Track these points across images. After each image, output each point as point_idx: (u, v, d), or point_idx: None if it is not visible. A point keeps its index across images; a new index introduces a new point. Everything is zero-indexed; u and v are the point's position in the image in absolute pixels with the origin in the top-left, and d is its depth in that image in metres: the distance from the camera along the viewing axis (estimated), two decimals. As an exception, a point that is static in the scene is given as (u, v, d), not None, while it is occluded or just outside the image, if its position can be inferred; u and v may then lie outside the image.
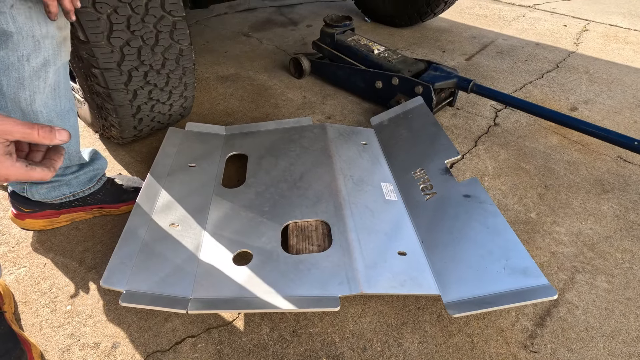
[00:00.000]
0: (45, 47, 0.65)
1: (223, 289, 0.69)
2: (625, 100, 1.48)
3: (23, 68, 0.65)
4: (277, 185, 0.92)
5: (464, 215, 0.82)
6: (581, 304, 0.78)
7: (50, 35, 0.65)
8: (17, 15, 0.60)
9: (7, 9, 0.58)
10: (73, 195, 0.90)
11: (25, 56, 0.64)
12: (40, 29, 0.63)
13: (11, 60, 0.63)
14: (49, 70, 0.68)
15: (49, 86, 0.71)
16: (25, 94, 0.68)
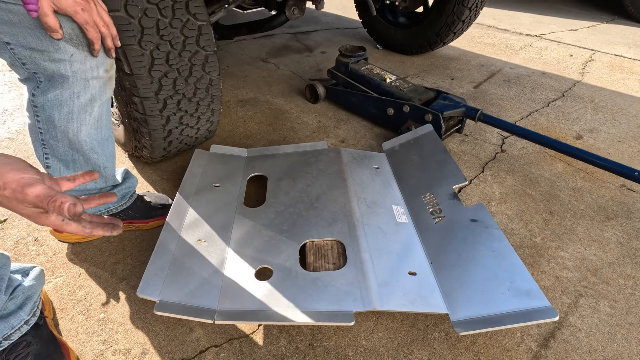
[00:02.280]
0: (94, 86, 0.74)
1: (246, 302, 0.74)
2: (630, 130, 1.53)
3: (73, 104, 0.74)
4: (295, 205, 0.99)
5: (471, 239, 0.87)
6: (584, 327, 0.81)
7: (98, 77, 0.74)
8: (74, 62, 0.69)
9: (68, 57, 0.67)
10: (107, 211, 0.98)
11: (76, 94, 0.73)
12: (92, 72, 0.72)
13: (64, 97, 0.72)
14: (94, 105, 0.77)
15: (93, 118, 0.79)
16: (73, 125, 0.77)
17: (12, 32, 0.63)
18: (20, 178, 0.45)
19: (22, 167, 0.47)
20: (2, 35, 0.63)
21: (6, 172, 0.45)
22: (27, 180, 0.46)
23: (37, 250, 0.99)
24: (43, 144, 0.80)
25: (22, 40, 0.64)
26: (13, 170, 0.46)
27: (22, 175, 0.46)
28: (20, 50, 0.66)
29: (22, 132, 1.49)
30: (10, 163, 0.46)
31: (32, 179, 0.46)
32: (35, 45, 0.65)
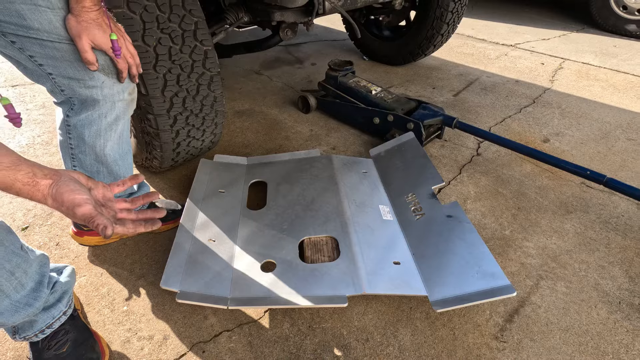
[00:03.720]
0: (119, 107, 0.86)
1: (254, 290, 0.86)
2: (592, 133, 1.70)
3: (101, 122, 0.86)
4: (293, 207, 1.11)
5: (446, 232, 1.00)
6: (543, 304, 0.95)
7: (123, 99, 0.86)
8: (105, 88, 0.81)
9: (99, 84, 0.79)
10: None
11: (104, 114, 0.85)
12: (118, 95, 0.84)
13: (94, 117, 0.84)
14: (119, 123, 0.89)
15: (117, 135, 0.91)
16: (100, 141, 0.89)
17: (55, 65, 0.75)
18: (73, 199, 0.56)
19: (77, 188, 0.57)
20: (46, 67, 0.75)
21: (63, 193, 0.56)
22: (78, 201, 0.56)
23: (60, 254, 1.09)
24: (72, 157, 0.92)
25: (62, 71, 0.76)
26: (68, 191, 0.56)
27: (75, 196, 0.56)
28: (61, 79, 0.77)
29: (32, 145, 1.59)
30: (68, 184, 0.57)
31: (82, 200, 0.57)
32: (73, 75, 0.76)
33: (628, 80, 2.22)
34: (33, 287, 0.75)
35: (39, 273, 0.77)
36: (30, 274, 0.75)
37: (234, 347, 0.86)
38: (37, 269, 0.77)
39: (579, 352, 0.85)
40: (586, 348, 0.86)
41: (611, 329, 0.90)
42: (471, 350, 0.85)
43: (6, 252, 0.70)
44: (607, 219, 1.21)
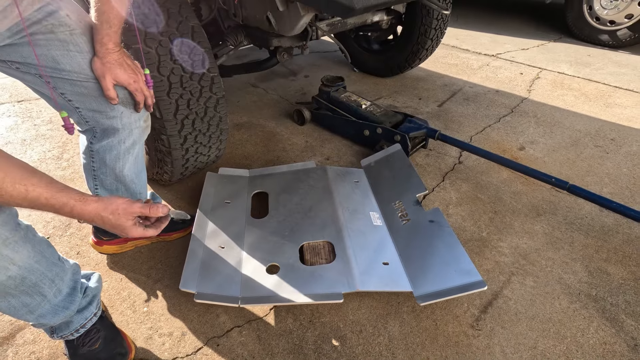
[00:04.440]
0: (135, 133, 0.97)
1: (261, 290, 0.99)
2: (563, 140, 1.85)
3: (120, 147, 0.97)
4: (293, 215, 1.24)
5: (429, 236, 1.14)
6: (514, 297, 1.09)
7: (139, 126, 0.97)
8: (124, 117, 0.92)
9: (119, 115, 0.90)
10: None
11: (123, 140, 0.96)
12: (135, 123, 0.95)
13: (114, 143, 0.95)
14: (135, 147, 1.00)
15: (133, 157, 1.02)
16: (120, 164, 1.00)
17: (82, 100, 0.86)
18: (124, 201, 0.69)
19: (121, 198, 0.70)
20: (74, 102, 0.86)
21: (115, 200, 0.69)
22: (129, 202, 0.70)
23: (81, 262, 1.20)
24: (94, 178, 1.03)
25: (88, 105, 0.87)
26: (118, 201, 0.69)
27: (124, 200, 0.70)
28: (86, 112, 0.89)
29: (43, 160, 1.69)
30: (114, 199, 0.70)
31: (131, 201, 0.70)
32: (97, 108, 0.88)
33: (599, 89, 2.40)
34: (68, 292, 0.87)
35: (73, 280, 0.88)
36: (66, 281, 0.86)
37: (245, 341, 0.98)
38: (71, 277, 0.88)
39: (542, 336, 0.99)
40: (549, 333, 1.00)
41: (570, 316, 1.04)
42: (450, 338, 0.99)
43: (48, 263, 0.82)
44: (572, 220, 1.36)
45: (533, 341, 0.98)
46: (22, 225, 0.79)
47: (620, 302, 1.08)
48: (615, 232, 1.31)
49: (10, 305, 0.79)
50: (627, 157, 1.73)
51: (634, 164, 1.68)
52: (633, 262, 1.20)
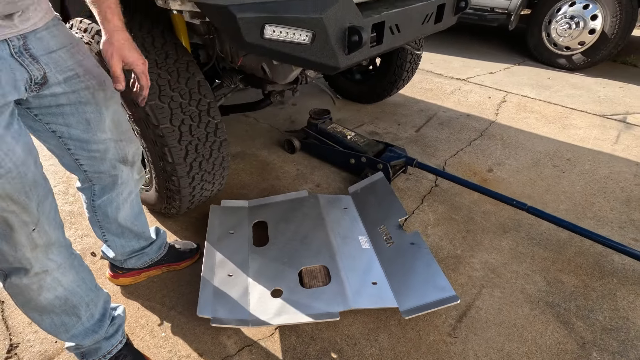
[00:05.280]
0: (131, 185, 1.09)
1: (268, 312, 1.13)
2: (526, 162, 2.08)
3: (119, 199, 1.09)
4: (291, 243, 1.39)
5: (410, 256, 1.31)
6: (484, 307, 1.27)
7: (134, 179, 1.09)
8: (123, 175, 1.04)
9: (119, 173, 1.02)
10: (151, 260, 1.33)
11: (120, 192, 1.08)
12: (131, 178, 1.08)
13: (113, 197, 1.07)
14: (131, 195, 1.13)
15: (129, 204, 1.14)
16: (121, 213, 1.12)
17: (91, 163, 0.97)
18: None
19: None
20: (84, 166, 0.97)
21: None
22: None
23: (99, 293, 1.31)
24: (100, 227, 1.15)
25: (95, 168, 0.98)
26: None
27: None
28: (92, 173, 1.00)
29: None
30: None
31: None
32: (103, 170, 1.00)
33: (557, 112, 2.67)
34: (99, 318, 1.00)
35: (104, 307, 1.01)
36: (98, 307, 0.99)
37: (255, 358, 1.12)
38: (102, 304, 1.01)
39: (508, 340, 1.17)
40: (513, 337, 1.18)
41: (531, 321, 1.23)
42: (432, 345, 1.15)
43: (86, 288, 0.95)
44: (533, 236, 1.57)
45: (500, 345, 1.16)
46: (74, 254, 0.94)
47: (572, 307, 1.27)
48: (569, 245, 1.52)
49: (52, 322, 0.93)
50: (580, 175, 1.97)
51: (586, 182, 1.91)
52: (583, 271, 1.41)
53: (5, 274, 0.85)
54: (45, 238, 0.87)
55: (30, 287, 0.86)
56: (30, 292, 0.86)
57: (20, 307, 0.91)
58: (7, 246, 0.82)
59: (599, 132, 2.41)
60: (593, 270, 1.41)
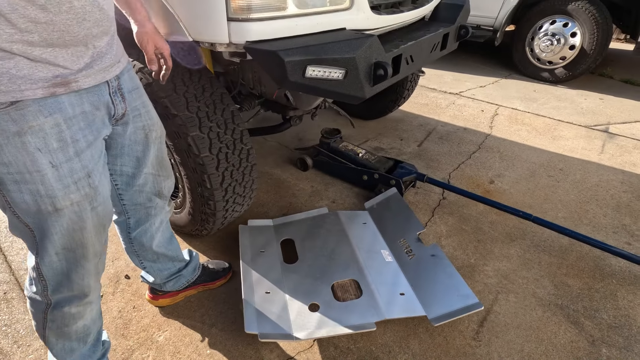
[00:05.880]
0: (162, 215, 1.16)
1: (308, 326, 1.22)
2: (523, 173, 2.24)
3: (152, 229, 1.15)
4: (319, 258, 1.48)
5: (432, 267, 1.42)
6: (502, 311, 1.39)
7: (165, 210, 1.16)
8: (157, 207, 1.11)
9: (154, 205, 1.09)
10: (187, 282, 1.40)
11: (153, 223, 1.15)
12: (163, 209, 1.15)
13: (147, 227, 1.14)
14: (162, 224, 1.19)
15: (161, 232, 1.20)
16: (154, 241, 1.19)
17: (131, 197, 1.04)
18: None
19: None
20: (124, 200, 1.04)
21: None
22: None
23: (139, 315, 1.37)
24: (137, 256, 1.21)
25: (134, 200, 1.05)
26: None
27: None
28: (129, 205, 1.06)
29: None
30: None
31: None
32: (141, 201, 1.06)
33: (546, 123, 2.86)
34: (94, 343, 1.07)
35: (98, 332, 1.08)
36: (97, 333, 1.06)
37: (298, 370, 1.20)
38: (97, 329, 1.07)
39: (526, 341, 1.29)
40: (531, 338, 1.30)
41: (545, 323, 1.35)
42: (459, 349, 1.26)
43: (100, 316, 1.03)
44: (537, 243, 1.70)
45: (520, 345, 1.27)
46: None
47: (580, 308, 1.40)
48: (570, 250, 1.66)
49: (63, 347, 0.99)
50: (573, 184, 2.13)
51: (579, 190, 2.08)
52: (586, 274, 1.55)
53: (50, 303, 0.90)
54: (102, 267, 0.96)
55: (75, 316, 0.93)
56: (72, 319, 0.93)
57: (43, 330, 0.96)
58: (77, 275, 0.89)
59: (585, 143, 2.60)
60: (594, 273, 1.55)
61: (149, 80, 1.23)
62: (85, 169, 0.79)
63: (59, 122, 0.73)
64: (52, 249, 0.82)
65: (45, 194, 0.75)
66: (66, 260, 0.85)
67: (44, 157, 0.73)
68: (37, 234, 0.81)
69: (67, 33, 0.69)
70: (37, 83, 0.69)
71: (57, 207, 0.77)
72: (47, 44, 0.68)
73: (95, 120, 0.80)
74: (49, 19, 0.66)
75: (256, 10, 1.03)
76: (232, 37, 1.05)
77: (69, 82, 0.73)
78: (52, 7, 0.66)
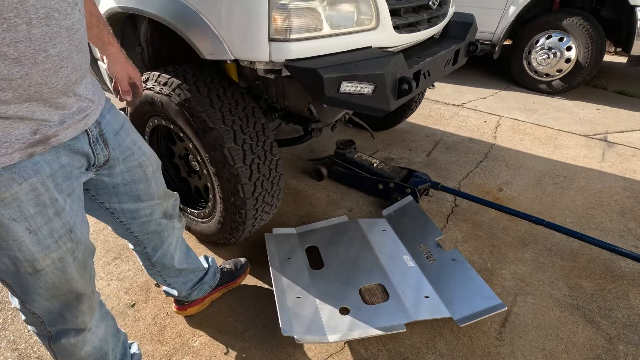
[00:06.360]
0: (175, 233, 1.18)
1: (341, 328, 1.27)
2: (529, 180, 2.33)
3: (169, 249, 1.16)
4: (344, 264, 1.54)
5: (452, 271, 1.49)
6: (521, 312, 1.45)
7: (177, 227, 1.18)
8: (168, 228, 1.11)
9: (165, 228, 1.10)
10: (210, 287, 1.44)
11: (169, 243, 1.16)
12: (175, 228, 1.15)
13: (164, 249, 1.15)
14: (178, 241, 1.22)
15: (178, 247, 1.23)
16: (174, 260, 1.20)
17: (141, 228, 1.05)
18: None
19: None
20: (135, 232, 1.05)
21: None
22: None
23: (173, 322, 1.41)
24: (161, 275, 1.24)
25: (145, 229, 1.06)
26: None
27: None
28: (142, 236, 1.07)
29: (101, 230, 1.87)
30: None
31: None
32: (153, 229, 1.07)
33: (547, 133, 2.98)
34: (120, 359, 1.09)
35: (124, 347, 1.12)
36: (120, 348, 1.09)
37: (332, 371, 1.24)
38: (122, 345, 1.10)
39: (547, 340, 1.35)
40: (551, 337, 1.36)
41: (563, 322, 1.41)
42: (484, 349, 1.31)
43: (112, 334, 1.04)
44: (549, 247, 1.78)
45: (542, 344, 1.33)
46: (101, 303, 1.00)
47: (595, 308, 1.47)
48: (581, 254, 1.74)
49: None
50: (578, 191, 2.22)
51: (585, 197, 2.17)
52: (597, 276, 1.62)
53: (51, 335, 0.88)
54: (95, 299, 0.93)
55: (76, 345, 0.90)
56: (75, 348, 0.91)
57: None
58: (70, 314, 0.86)
59: (586, 151, 2.71)
60: (605, 274, 1.63)
61: (187, 96, 1.31)
62: (66, 226, 0.74)
63: (36, 186, 0.67)
64: (41, 299, 0.79)
65: (24, 259, 0.70)
66: (58, 302, 0.82)
67: (20, 226, 0.67)
68: (17, 291, 0.77)
69: (44, 85, 0.62)
70: (14, 145, 0.62)
71: (37, 268, 0.72)
72: (22, 99, 0.61)
73: (73, 172, 0.75)
74: (23, 72, 0.59)
75: (295, 32, 1.12)
76: (272, 55, 1.13)
77: (49, 138, 0.66)
78: (27, 59, 0.58)
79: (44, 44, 0.60)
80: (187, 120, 1.32)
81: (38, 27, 0.58)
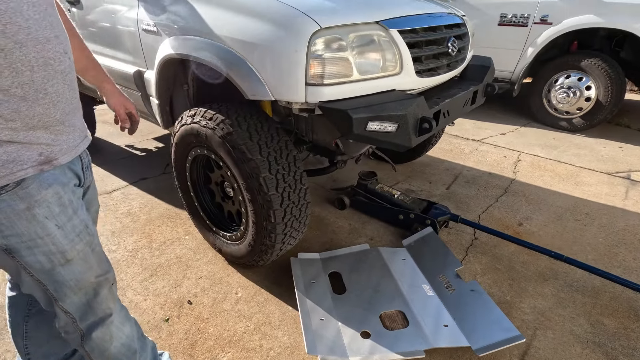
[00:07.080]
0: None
1: (362, 351, 1.33)
2: (550, 216, 2.36)
3: None
4: (366, 290, 1.61)
5: (471, 302, 1.53)
6: (541, 346, 1.46)
7: None
8: None
9: None
10: None
11: None
12: None
13: None
14: None
15: None
16: None
17: None
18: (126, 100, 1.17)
19: None
20: None
21: None
22: None
23: (203, 338, 1.51)
24: None
25: None
26: None
27: None
28: None
29: (138, 249, 2.02)
30: None
31: None
32: None
33: (568, 170, 3.00)
34: None
35: (153, 353, 1.17)
36: (147, 353, 1.15)
37: (352, 393, 1.29)
38: (151, 351, 1.16)
39: (568, 376, 1.36)
40: (572, 373, 1.37)
41: (585, 359, 1.42)
42: (503, 381, 1.34)
43: (138, 337, 1.10)
44: (570, 283, 1.79)
45: (562, 379, 1.34)
46: (122, 305, 1.09)
47: (617, 346, 1.47)
48: (603, 291, 1.74)
49: None
50: (600, 228, 2.23)
51: (607, 234, 2.17)
52: (620, 314, 1.62)
53: (83, 333, 0.96)
54: (115, 289, 1.03)
55: (104, 339, 0.99)
56: (105, 343, 0.99)
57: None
58: (95, 302, 0.97)
59: (608, 189, 2.71)
60: (629, 313, 1.62)
61: (230, 130, 1.47)
62: (83, 222, 0.89)
63: (57, 190, 0.83)
64: (71, 292, 0.91)
65: (57, 250, 0.85)
66: (84, 295, 0.94)
67: (51, 222, 0.82)
68: (50, 288, 0.89)
69: (45, 116, 0.77)
70: (26, 164, 0.76)
71: (68, 258, 0.87)
72: (29, 127, 0.75)
73: (75, 185, 0.91)
74: (29, 106, 0.73)
75: (329, 77, 1.28)
76: (308, 97, 1.29)
77: (51, 160, 0.81)
78: (31, 96, 0.73)
79: (43, 85, 0.75)
80: (228, 151, 1.48)
81: (38, 72, 0.74)
